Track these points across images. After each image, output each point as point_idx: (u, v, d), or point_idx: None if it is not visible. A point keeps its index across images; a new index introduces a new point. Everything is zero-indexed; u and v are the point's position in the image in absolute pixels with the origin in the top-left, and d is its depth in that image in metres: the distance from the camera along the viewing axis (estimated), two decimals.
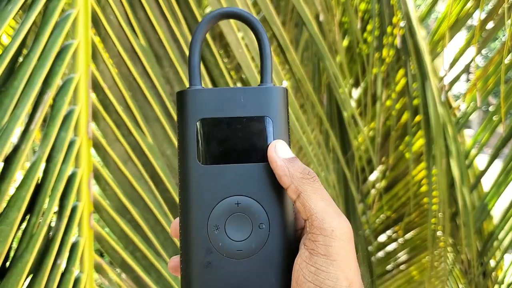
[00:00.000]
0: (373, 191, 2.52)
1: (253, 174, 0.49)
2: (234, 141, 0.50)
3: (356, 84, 2.36)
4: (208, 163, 0.49)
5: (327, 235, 0.46)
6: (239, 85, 2.12)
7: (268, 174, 0.49)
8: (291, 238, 0.50)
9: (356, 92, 2.38)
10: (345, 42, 2.26)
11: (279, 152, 0.49)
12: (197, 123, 0.49)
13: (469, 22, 2.10)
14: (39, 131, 0.95)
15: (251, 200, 0.49)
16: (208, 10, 2.00)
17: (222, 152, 0.49)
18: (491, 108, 2.23)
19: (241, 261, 0.48)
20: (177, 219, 0.52)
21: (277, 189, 0.50)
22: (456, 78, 2.13)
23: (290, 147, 0.51)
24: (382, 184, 2.49)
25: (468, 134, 2.46)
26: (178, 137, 0.51)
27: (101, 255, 2.36)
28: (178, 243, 1.11)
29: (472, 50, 1.98)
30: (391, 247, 2.65)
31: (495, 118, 2.13)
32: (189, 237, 0.49)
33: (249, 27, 0.54)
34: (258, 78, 1.27)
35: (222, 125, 0.50)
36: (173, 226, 0.53)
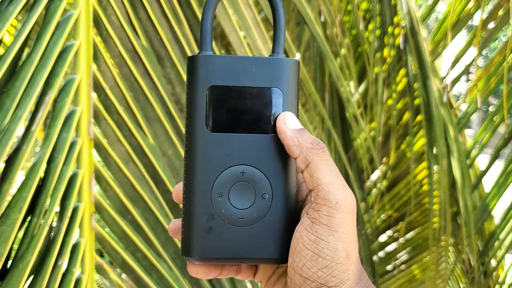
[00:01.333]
0: (374, 190, 2.52)
1: (259, 145, 0.50)
2: (243, 110, 0.50)
3: (358, 84, 2.36)
4: (216, 130, 0.50)
5: (332, 206, 0.46)
6: None
7: (274, 146, 0.50)
8: (292, 209, 0.51)
9: (358, 92, 2.38)
10: (347, 42, 2.26)
11: (288, 123, 0.49)
12: (207, 90, 0.49)
13: (469, 22, 2.10)
14: (41, 132, 0.96)
15: (256, 170, 0.50)
16: None
17: (230, 121, 0.50)
18: (491, 108, 2.23)
19: (242, 228, 0.49)
20: (181, 183, 0.52)
21: (283, 161, 0.50)
22: (457, 78, 2.13)
23: (298, 119, 0.51)
24: (383, 183, 2.49)
25: (468, 134, 2.46)
26: (187, 102, 0.51)
27: (102, 255, 2.36)
28: (179, 243, 1.11)
29: (472, 50, 1.98)
30: (393, 246, 2.66)
31: (495, 118, 2.13)
32: (193, 202, 0.50)
33: None
34: None
35: (232, 93, 0.50)
36: (176, 190, 0.53)
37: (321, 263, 0.46)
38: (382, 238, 2.66)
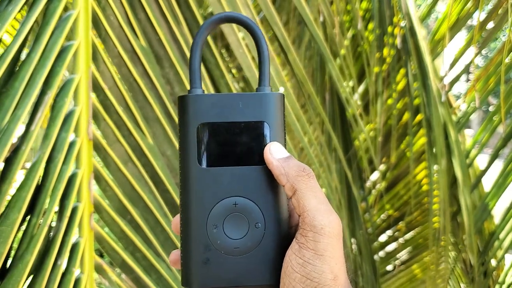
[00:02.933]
0: (374, 191, 2.52)
1: (250, 176, 0.52)
2: (233, 144, 0.52)
3: (358, 84, 2.36)
4: (208, 165, 0.52)
5: (317, 231, 0.48)
6: (241, 84, 2.14)
7: (264, 176, 0.52)
8: (285, 235, 0.53)
9: (357, 92, 2.38)
10: (347, 42, 2.26)
11: (274, 152, 0.51)
12: (198, 127, 0.52)
13: (469, 22, 2.10)
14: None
15: (247, 201, 0.52)
16: (209, 10, 2.00)
17: (221, 155, 0.52)
18: (491, 108, 2.23)
19: (238, 257, 0.51)
20: (178, 215, 0.54)
21: (273, 190, 0.52)
22: (457, 78, 2.13)
23: (286, 148, 0.53)
24: (383, 183, 2.49)
25: (468, 134, 2.46)
26: (179, 140, 0.53)
27: (101, 255, 2.36)
28: (178, 241, 1.11)
29: (472, 50, 1.98)
30: (393, 246, 2.66)
31: (495, 118, 2.13)
32: (189, 235, 0.52)
33: (248, 31, 0.55)
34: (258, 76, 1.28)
35: (221, 129, 0.52)
36: (174, 222, 0.55)
37: (309, 285, 0.48)
38: (383, 237, 2.66)
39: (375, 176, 2.49)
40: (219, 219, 0.51)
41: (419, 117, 2.19)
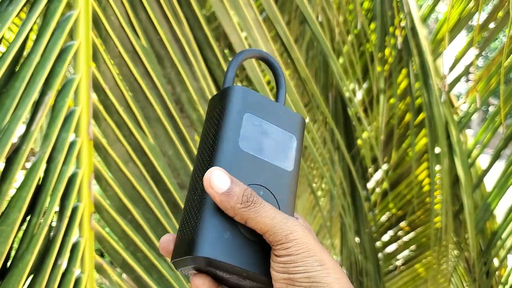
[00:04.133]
0: (378, 189, 2.52)
1: (276, 174, 0.57)
2: (268, 142, 0.57)
3: (359, 84, 2.36)
4: (246, 150, 0.55)
5: (283, 243, 0.50)
6: (244, 83, 2.15)
7: (287, 180, 0.57)
8: None
9: (360, 92, 2.38)
10: (351, 37, 2.26)
11: (215, 187, 0.51)
12: (245, 115, 0.56)
13: (470, 22, 2.10)
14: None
15: (270, 194, 0.55)
16: (212, 10, 1.99)
17: (258, 146, 0.56)
18: (491, 109, 2.23)
19: (252, 242, 0.53)
20: (168, 234, 0.56)
21: (292, 195, 0.57)
22: (458, 79, 2.13)
23: (300, 161, 0.59)
24: (386, 182, 2.50)
25: (469, 134, 2.46)
26: (221, 122, 0.56)
27: (101, 255, 2.36)
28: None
29: (472, 50, 1.98)
30: (397, 244, 2.66)
31: (496, 119, 2.12)
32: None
33: (270, 69, 0.64)
34: (262, 77, 1.28)
35: (263, 126, 0.57)
36: (164, 241, 0.56)
37: (299, 277, 0.50)
38: (387, 236, 2.67)
39: (377, 175, 2.49)
40: None
41: (421, 116, 2.19)
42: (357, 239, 2.22)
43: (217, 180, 0.52)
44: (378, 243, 2.59)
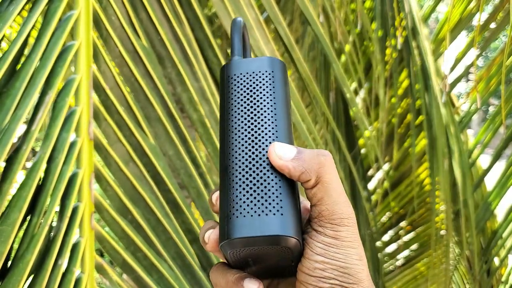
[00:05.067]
0: (378, 190, 2.53)
1: None
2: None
3: (360, 85, 2.36)
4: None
5: (336, 224, 0.48)
6: None
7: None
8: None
9: (361, 92, 2.38)
10: (354, 36, 2.26)
11: (283, 155, 0.49)
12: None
13: (471, 22, 2.10)
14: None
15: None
16: (213, 10, 2.00)
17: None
18: (491, 109, 2.24)
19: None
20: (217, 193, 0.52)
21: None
22: (458, 79, 2.13)
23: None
24: (388, 181, 2.50)
25: (469, 134, 2.46)
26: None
27: (101, 255, 2.37)
28: (180, 241, 1.11)
29: (472, 51, 1.98)
30: (398, 244, 2.67)
31: (497, 119, 2.13)
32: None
33: None
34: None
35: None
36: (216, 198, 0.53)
37: (334, 266, 0.47)
38: (388, 235, 2.67)
39: (379, 175, 2.50)
40: None
41: (422, 117, 2.19)
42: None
43: (281, 149, 0.49)
44: (378, 243, 2.59)
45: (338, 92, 2.12)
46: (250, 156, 0.50)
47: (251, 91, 0.53)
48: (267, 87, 0.53)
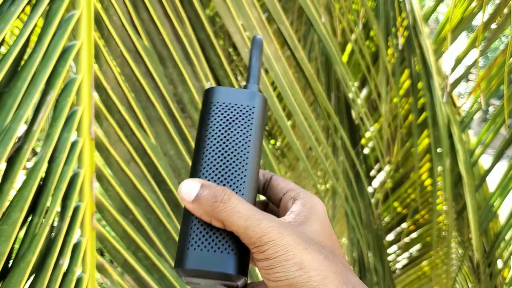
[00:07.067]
0: (381, 189, 2.53)
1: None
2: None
3: (363, 84, 2.36)
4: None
5: (258, 244, 0.47)
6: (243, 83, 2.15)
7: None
8: None
9: (363, 92, 2.38)
10: (349, 46, 2.26)
11: (184, 197, 0.51)
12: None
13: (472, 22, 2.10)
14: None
15: None
16: (215, 10, 2.00)
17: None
18: (491, 109, 2.24)
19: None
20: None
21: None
22: (460, 79, 2.13)
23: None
24: (390, 181, 2.50)
25: (470, 134, 2.46)
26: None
27: (102, 255, 2.37)
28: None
29: (473, 51, 1.98)
30: (402, 243, 2.67)
31: (498, 119, 2.12)
32: None
33: None
34: (264, 76, 1.28)
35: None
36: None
37: (283, 284, 0.46)
38: (392, 235, 2.67)
39: (381, 175, 2.50)
40: None
41: (425, 113, 2.19)
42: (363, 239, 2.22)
43: (185, 189, 0.51)
44: (383, 242, 2.60)
45: (341, 92, 2.12)
46: None
47: (230, 123, 0.55)
48: (245, 122, 0.55)
